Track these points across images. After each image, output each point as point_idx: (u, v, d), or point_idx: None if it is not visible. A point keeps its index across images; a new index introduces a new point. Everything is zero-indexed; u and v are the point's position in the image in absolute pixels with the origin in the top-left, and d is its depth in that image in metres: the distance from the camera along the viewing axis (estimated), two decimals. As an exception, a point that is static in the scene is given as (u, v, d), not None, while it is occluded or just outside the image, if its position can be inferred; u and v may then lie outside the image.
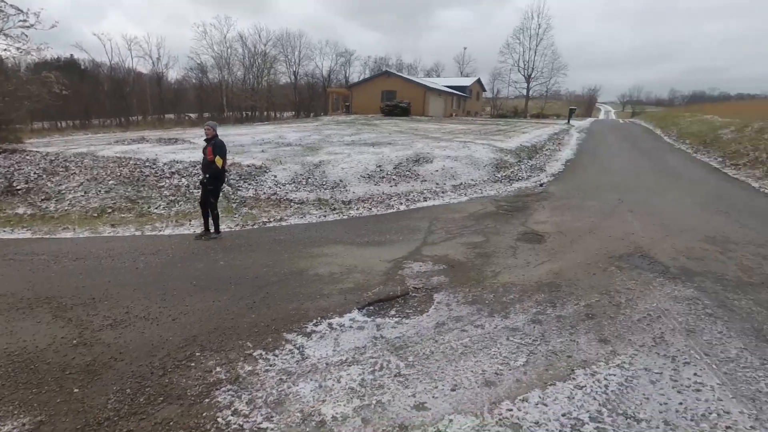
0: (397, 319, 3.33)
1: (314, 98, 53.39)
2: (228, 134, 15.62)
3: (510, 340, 2.97)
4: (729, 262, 4.60)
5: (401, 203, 7.97)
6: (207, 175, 5.59)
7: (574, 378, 2.51)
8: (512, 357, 2.74)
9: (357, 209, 7.68)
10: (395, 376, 2.56)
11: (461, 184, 9.51)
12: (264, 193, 8.37)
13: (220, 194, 6.28)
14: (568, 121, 31.29)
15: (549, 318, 3.29)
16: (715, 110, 27.00)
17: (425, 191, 8.86)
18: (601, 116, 67.23)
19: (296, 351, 2.85)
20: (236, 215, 7.20)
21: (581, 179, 10.44)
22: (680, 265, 4.44)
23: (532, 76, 51.81)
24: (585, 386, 2.43)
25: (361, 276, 4.26)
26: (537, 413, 2.22)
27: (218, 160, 5.55)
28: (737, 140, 14.45)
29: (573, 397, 2.33)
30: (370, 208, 7.64)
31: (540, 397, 2.35)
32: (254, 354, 2.81)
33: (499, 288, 3.92)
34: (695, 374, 2.55)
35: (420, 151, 11.10)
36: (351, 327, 3.21)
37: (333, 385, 2.48)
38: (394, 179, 9.39)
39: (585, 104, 71.91)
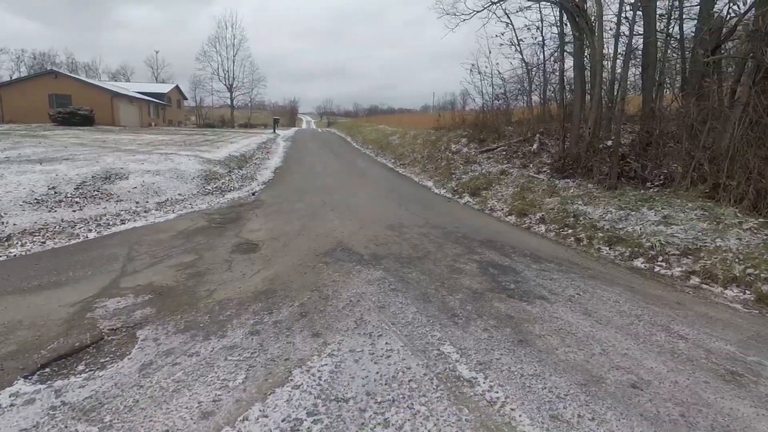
0: (86, 375, 2.70)
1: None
2: None
3: (228, 359, 2.84)
4: (404, 243, 5.77)
5: (90, 230, 6.60)
6: None
7: (291, 379, 2.60)
8: (231, 377, 2.63)
9: (23, 245, 5.91)
10: (85, 448, 2.06)
11: (167, 200, 8.64)
12: None
13: None
14: (274, 131, 32.98)
15: (266, 326, 3.33)
16: (386, 121, 33.64)
17: (122, 212, 7.62)
18: (304, 126, 73.68)
19: None
20: None
21: (290, 185, 11.15)
22: (371, 252, 5.28)
23: (234, 85, 52.12)
24: (301, 384, 2.55)
25: (29, 332, 3.28)
26: (258, 428, 2.19)
27: None
28: (402, 145, 18.38)
29: (291, 399, 2.41)
30: (44, 242, 6.01)
31: (261, 410, 2.32)
32: None
33: (215, 307, 3.71)
34: (386, 343, 3.06)
35: (111, 167, 9.49)
36: (13, 405, 2.41)
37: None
38: (78, 202, 7.71)
39: (288, 114, 77.56)
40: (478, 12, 13.39)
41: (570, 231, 6.73)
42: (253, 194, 9.76)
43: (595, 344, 3.15)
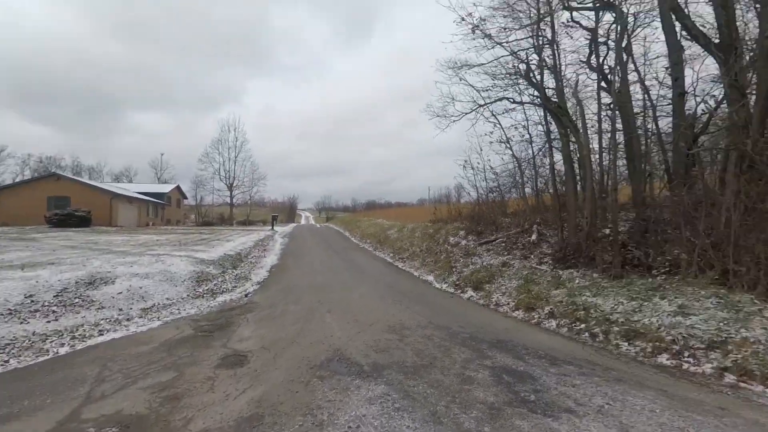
0: None
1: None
2: None
3: None
4: (407, 348, 5.27)
5: (63, 344, 6.04)
6: None
7: None
8: None
9: (-17, 366, 5.34)
10: None
11: (154, 306, 8.18)
12: None
13: None
14: (272, 227, 33.19)
15: (248, 468, 2.78)
16: (383, 215, 34.18)
17: (102, 321, 7.11)
18: (302, 222, 74.82)
19: None
20: None
21: (285, 284, 10.73)
22: (372, 361, 4.77)
23: (234, 184, 53.73)
24: None
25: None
26: None
27: None
28: (400, 239, 18.30)
29: None
30: (7, 360, 5.45)
31: None
32: None
33: (189, 442, 3.17)
34: (392, 488, 2.52)
35: (97, 271, 9.14)
36: None
37: None
38: (54, 311, 7.23)
39: (287, 211, 79.21)
40: (466, 114, 14.15)
41: (583, 326, 6.28)
42: (246, 296, 9.32)
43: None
